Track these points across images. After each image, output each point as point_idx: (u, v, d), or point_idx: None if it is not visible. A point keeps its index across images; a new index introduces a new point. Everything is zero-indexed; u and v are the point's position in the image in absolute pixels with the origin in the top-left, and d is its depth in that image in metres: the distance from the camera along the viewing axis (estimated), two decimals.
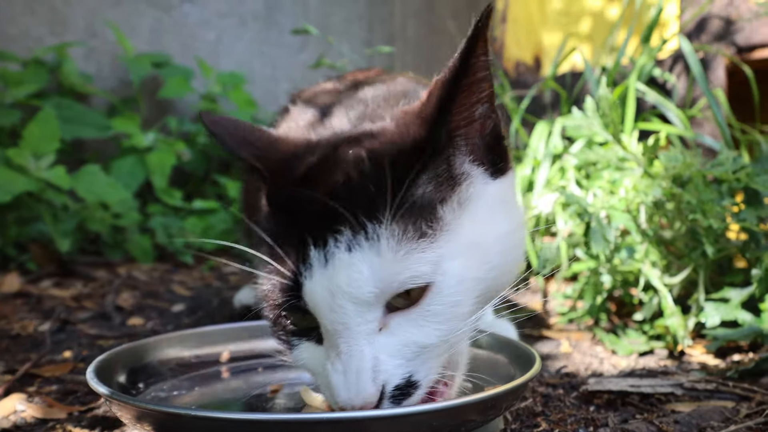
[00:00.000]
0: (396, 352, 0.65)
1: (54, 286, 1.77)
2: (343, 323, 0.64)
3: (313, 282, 0.64)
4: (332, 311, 0.64)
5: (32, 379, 1.06)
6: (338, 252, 0.63)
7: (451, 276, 0.66)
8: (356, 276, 0.62)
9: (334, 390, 0.65)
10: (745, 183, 1.23)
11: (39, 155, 1.81)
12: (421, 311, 0.66)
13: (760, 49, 1.87)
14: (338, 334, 0.64)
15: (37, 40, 2.37)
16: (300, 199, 0.68)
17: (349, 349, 0.64)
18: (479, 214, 0.71)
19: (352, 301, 0.63)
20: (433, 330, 0.67)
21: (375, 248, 0.63)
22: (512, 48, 2.38)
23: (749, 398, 0.92)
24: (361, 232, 0.63)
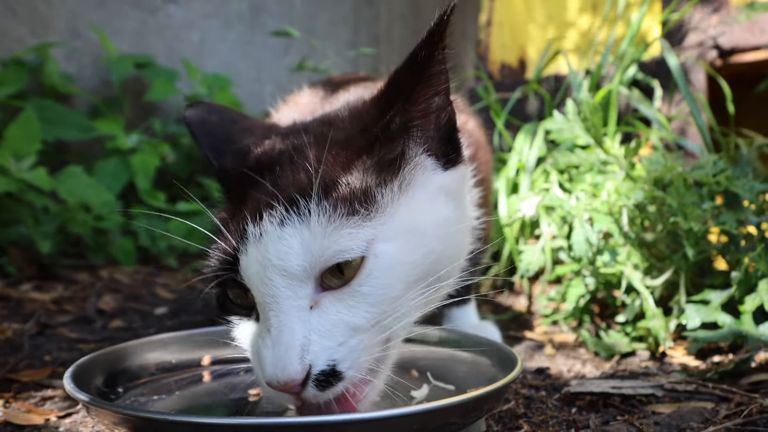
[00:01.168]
0: (326, 333, 0.65)
1: (34, 290, 1.75)
2: (272, 296, 0.65)
3: (248, 256, 0.66)
4: (263, 284, 0.65)
5: (10, 384, 1.05)
6: (271, 227, 0.65)
7: (383, 257, 0.66)
8: (285, 249, 0.64)
9: (262, 365, 0.65)
10: (725, 186, 1.24)
11: (20, 156, 1.78)
12: (352, 291, 0.66)
13: (741, 53, 1.89)
14: (269, 307, 0.65)
15: (18, 41, 2.34)
16: (244, 180, 0.72)
17: (279, 323, 0.65)
18: (421, 201, 0.72)
19: (282, 274, 0.64)
20: (364, 311, 0.67)
21: (305, 223, 0.64)
22: (497, 51, 2.39)
23: (728, 399, 0.93)
24: (294, 207, 0.65)
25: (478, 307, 1.36)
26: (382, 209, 0.68)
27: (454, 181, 0.78)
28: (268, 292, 0.65)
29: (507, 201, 1.72)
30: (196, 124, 0.85)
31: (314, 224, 0.64)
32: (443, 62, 0.72)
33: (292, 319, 0.64)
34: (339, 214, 0.65)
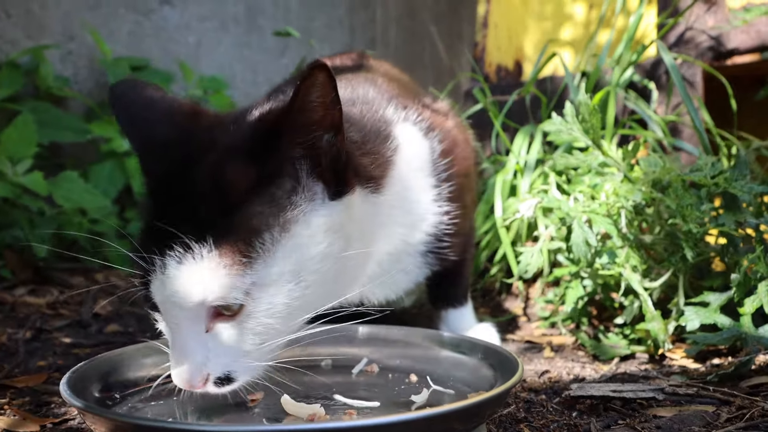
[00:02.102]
0: (221, 353, 0.76)
1: (29, 294, 1.74)
2: (175, 323, 0.76)
3: (155, 285, 0.75)
4: (166, 312, 0.76)
5: (4, 390, 1.04)
6: (171, 264, 0.72)
7: (260, 302, 0.75)
8: (181, 288, 0.72)
9: (173, 373, 0.78)
10: (723, 188, 1.24)
11: (16, 160, 1.77)
12: (237, 324, 0.76)
13: (738, 56, 1.89)
14: (172, 329, 0.77)
15: (13, 43, 2.33)
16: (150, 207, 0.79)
17: (181, 344, 0.76)
18: (302, 238, 0.77)
19: (179, 306, 0.73)
20: (249, 340, 0.77)
21: (199, 266, 0.71)
22: (493, 53, 2.39)
23: (729, 402, 0.93)
24: (190, 251, 0.71)
25: (475, 309, 1.35)
26: (263, 254, 0.74)
27: (340, 213, 0.81)
28: (170, 319, 0.76)
29: (504, 203, 1.72)
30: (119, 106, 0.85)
31: (206, 269, 0.71)
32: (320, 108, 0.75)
33: (191, 341, 0.75)
34: (228, 261, 0.72)
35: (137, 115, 0.83)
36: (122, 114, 0.84)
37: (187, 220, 0.73)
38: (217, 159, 0.76)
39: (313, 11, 3.27)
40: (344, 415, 0.81)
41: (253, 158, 0.75)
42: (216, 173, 0.75)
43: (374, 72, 1.28)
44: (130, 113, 0.83)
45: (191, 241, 0.71)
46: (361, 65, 1.37)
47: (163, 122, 0.83)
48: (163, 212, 0.75)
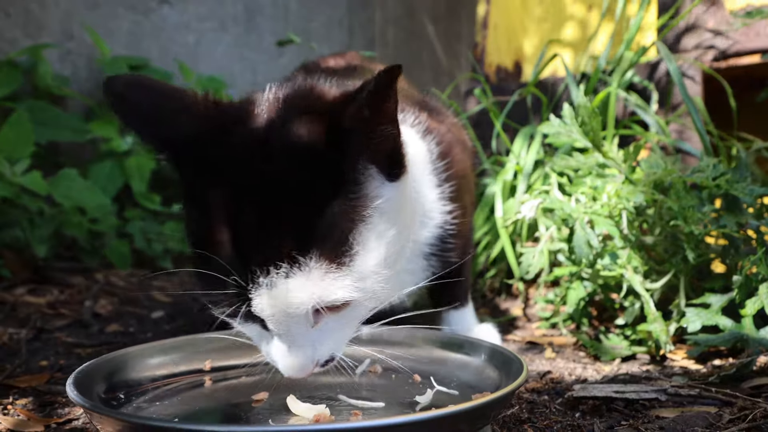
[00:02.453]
0: (326, 342, 0.82)
1: (29, 293, 1.73)
2: (287, 328, 0.78)
3: (261, 299, 0.74)
4: (277, 322, 0.77)
5: (7, 390, 1.04)
6: (279, 279, 0.73)
7: (362, 293, 0.78)
8: (292, 299, 0.74)
9: (284, 367, 0.81)
10: (724, 189, 1.24)
11: (14, 160, 1.77)
12: (340, 317, 0.81)
13: (737, 57, 1.90)
14: (283, 335, 0.79)
15: (11, 42, 2.33)
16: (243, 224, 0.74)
17: (291, 343, 0.80)
18: (380, 226, 0.80)
19: (290, 315, 0.76)
20: (350, 328, 0.85)
21: (305, 276, 0.73)
22: (493, 54, 2.39)
23: (731, 403, 0.93)
24: (296, 263, 0.73)
25: (475, 310, 1.36)
26: (357, 251, 0.77)
27: (398, 195, 0.83)
28: (281, 327, 0.78)
29: (504, 204, 1.72)
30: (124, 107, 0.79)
31: (314, 277, 0.74)
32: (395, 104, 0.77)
33: (300, 339, 0.79)
34: (331, 266, 0.74)
35: (151, 115, 0.78)
36: (130, 115, 0.79)
37: (286, 233, 0.73)
38: (298, 163, 0.74)
39: (312, 11, 3.27)
40: (351, 416, 0.81)
41: (333, 158, 0.75)
42: (301, 180, 0.74)
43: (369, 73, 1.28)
44: (140, 112, 0.78)
45: (296, 254, 0.72)
46: (356, 67, 1.37)
47: (189, 119, 0.78)
48: (252, 226, 0.73)
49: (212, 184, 0.76)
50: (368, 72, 1.30)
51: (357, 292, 0.77)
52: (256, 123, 0.79)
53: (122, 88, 0.78)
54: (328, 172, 0.75)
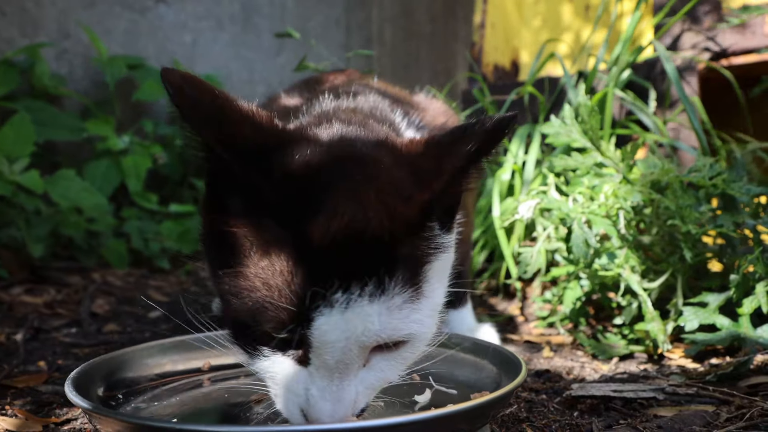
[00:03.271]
0: (370, 387, 0.73)
1: (26, 293, 1.73)
2: (345, 363, 0.68)
3: (329, 321, 0.65)
4: (341, 352, 0.67)
5: (5, 391, 1.03)
6: (360, 301, 0.65)
7: (424, 332, 0.73)
8: (370, 326, 0.66)
9: (318, 414, 0.69)
10: (721, 189, 1.24)
11: (13, 159, 1.76)
12: (396, 355, 0.73)
13: (733, 56, 1.90)
14: (338, 369, 0.69)
15: (8, 41, 2.32)
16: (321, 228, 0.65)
17: (341, 383, 0.69)
18: (439, 273, 0.75)
19: (360, 345, 0.67)
20: (398, 370, 0.75)
21: (387, 303, 0.67)
22: (491, 53, 2.39)
23: (729, 402, 0.93)
24: (381, 286, 0.66)
25: (473, 309, 1.36)
26: (426, 288, 0.71)
27: (449, 247, 0.79)
28: (342, 359, 0.68)
29: (502, 203, 1.72)
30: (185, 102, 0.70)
31: (393, 306, 0.67)
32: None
33: (353, 380, 0.70)
34: (408, 296, 0.68)
35: (212, 115, 0.70)
36: (190, 110, 0.69)
37: (375, 253, 0.67)
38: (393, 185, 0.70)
39: (309, 10, 3.27)
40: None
41: (422, 189, 0.70)
42: (393, 203, 0.68)
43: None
44: (201, 109, 0.69)
45: (385, 274, 0.66)
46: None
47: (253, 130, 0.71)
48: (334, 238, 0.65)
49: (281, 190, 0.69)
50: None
51: (424, 327, 0.72)
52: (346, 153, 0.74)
53: (181, 81, 0.70)
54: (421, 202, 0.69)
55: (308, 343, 0.67)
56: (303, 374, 0.70)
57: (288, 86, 1.43)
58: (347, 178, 0.69)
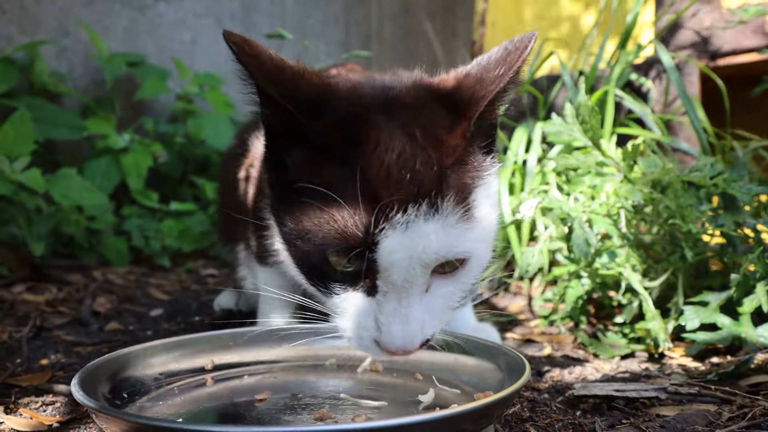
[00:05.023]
0: (434, 313, 0.77)
1: (28, 291, 1.73)
2: (410, 282, 0.74)
3: (393, 242, 0.71)
4: (406, 270, 0.73)
5: (9, 390, 1.04)
6: (417, 221, 0.71)
7: (478, 253, 0.78)
8: (428, 244, 0.72)
9: (390, 337, 0.75)
10: (722, 188, 1.25)
11: (13, 157, 1.76)
12: (455, 280, 0.78)
13: (732, 56, 1.91)
14: (403, 290, 0.74)
15: (7, 39, 2.31)
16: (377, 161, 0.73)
17: (408, 305, 0.75)
18: (491, 201, 0.81)
19: (422, 264, 0.73)
20: (457, 295, 0.80)
21: (441, 222, 0.73)
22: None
23: (731, 401, 0.94)
24: (433, 205, 0.72)
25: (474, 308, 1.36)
26: (478, 212, 0.77)
27: (497, 178, 0.86)
28: (407, 278, 0.73)
29: (501, 203, 1.73)
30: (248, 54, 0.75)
31: (448, 224, 0.73)
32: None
33: (417, 302, 0.75)
34: (460, 217, 0.74)
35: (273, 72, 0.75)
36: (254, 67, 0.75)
37: (425, 174, 0.73)
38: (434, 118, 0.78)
39: (308, 8, 3.27)
40: (354, 416, 0.81)
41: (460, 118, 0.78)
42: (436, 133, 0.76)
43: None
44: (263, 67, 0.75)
45: (436, 195, 0.72)
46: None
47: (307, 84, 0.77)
48: (387, 166, 0.72)
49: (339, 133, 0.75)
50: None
51: (481, 246, 0.77)
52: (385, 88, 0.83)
53: (242, 42, 0.76)
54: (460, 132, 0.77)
55: (375, 269, 0.73)
56: (372, 304, 0.76)
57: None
58: (394, 117, 0.76)
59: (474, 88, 0.79)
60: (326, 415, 0.81)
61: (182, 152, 2.56)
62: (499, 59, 0.80)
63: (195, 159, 2.59)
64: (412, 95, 0.81)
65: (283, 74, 0.75)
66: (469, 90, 0.80)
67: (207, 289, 1.93)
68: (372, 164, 0.72)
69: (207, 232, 2.35)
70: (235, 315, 1.58)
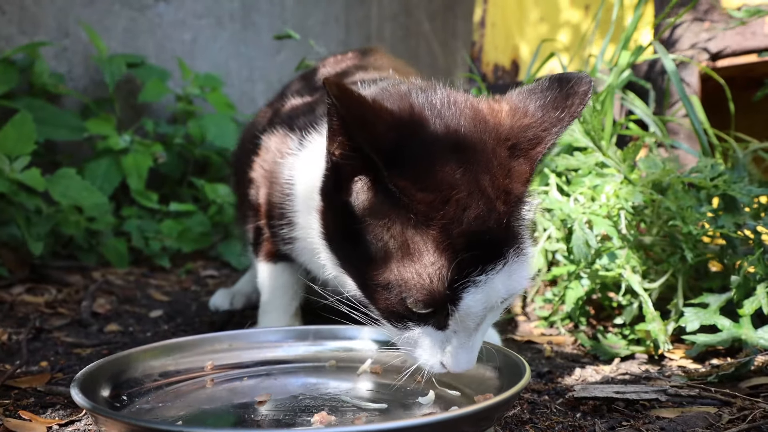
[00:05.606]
0: (484, 336, 0.86)
1: (27, 292, 1.73)
2: (478, 323, 0.81)
3: (473, 298, 0.76)
4: (478, 317, 0.79)
5: (8, 391, 1.03)
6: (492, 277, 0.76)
7: (526, 284, 0.83)
8: (499, 294, 0.78)
9: (458, 365, 0.82)
10: (722, 189, 1.25)
11: (14, 157, 1.76)
12: (502, 306, 0.83)
13: (732, 57, 1.91)
14: (474, 330, 0.81)
15: (7, 39, 2.31)
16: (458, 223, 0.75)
17: (474, 338, 0.82)
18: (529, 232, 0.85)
19: (490, 309, 0.79)
20: (499, 316, 0.87)
21: (508, 271, 0.77)
22: (491, 52, 2.39)
23: (731, 403, 0.94)
24: (504, 259, 0.77)
25: None
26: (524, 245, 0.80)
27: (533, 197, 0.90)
28: (477, 321, 0.80)
29: None
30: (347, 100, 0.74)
31: (510, 271, 0.78)
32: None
33: (479, 334, 0.83)
34: (518, 260, 0.79)
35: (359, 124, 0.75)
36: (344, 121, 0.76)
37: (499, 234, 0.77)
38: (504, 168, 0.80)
39: (308, 8, 3.26)
40: (354, 419, 0.81)
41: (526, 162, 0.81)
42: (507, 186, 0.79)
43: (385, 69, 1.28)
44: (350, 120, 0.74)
45: (506, 251, 0.77)
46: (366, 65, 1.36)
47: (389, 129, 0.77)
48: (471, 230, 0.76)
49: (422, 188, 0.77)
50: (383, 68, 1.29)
51: (528, 280, 0.82)
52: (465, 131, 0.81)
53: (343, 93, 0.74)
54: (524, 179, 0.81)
55: (451, 314, 0.78)
56: (442, 336, 0.82)
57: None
58: (468, 170, 0.77)
59: (537, 132, 0.81)
60: (326, 417, 0.81)
61: (182, 153, 2.56)
62: (558, 100, 0.81)
63: (195, 160, 2.59)
64: (476, 137, 0.80)
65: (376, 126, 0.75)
66: (531, 131, 0.81)
67: (207, 290, 1.93)
68: (453, 225, 0.75)
69: (207, 233, 2.35)
70: (235, 315, 1.58)
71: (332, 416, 0.81)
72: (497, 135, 0.81)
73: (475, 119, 0.82)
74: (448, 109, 0.83)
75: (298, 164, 1.04)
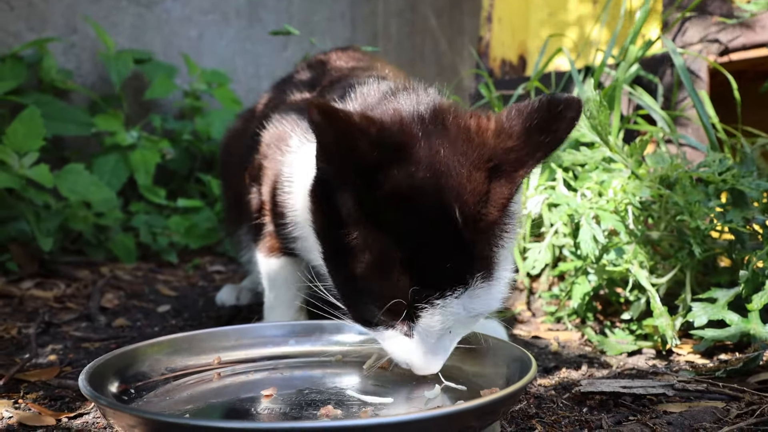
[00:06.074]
0: (453, 342, 0.88)
1: (36, 287, 1.74)
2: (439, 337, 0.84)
3: (431, 317, 0.80)
4: (438, 333, 0.82)
5: (18, 384, 1.04)
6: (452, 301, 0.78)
7: (495, 306, 0.85)
8: (459, 315, 0.80)
9: (420, 368, 0.85)
10: (731, 184, 1.24)
11: (22, 153, 1.77)
12: (467, 327, 0.87)
13: (742, 51, 1.89)
14: (441, 337, 0.84)
15: (15, 35, 2.33)
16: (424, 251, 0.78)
17: (436, 346, 0.84)
18: (510, 257, 0.87)
19: (450, 327, 0.83)
20: (472, 327, 0.89)
21: (470, 294, 0.79)
22: (497, 48, 2.39)
23: (739, 398, 0.94)
24: (466, 285, 0.78)
25: None
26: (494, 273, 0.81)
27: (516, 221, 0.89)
28: (437, 336, 0.83)
29: None
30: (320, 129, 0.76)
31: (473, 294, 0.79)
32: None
33: (445, 342, 0.85)
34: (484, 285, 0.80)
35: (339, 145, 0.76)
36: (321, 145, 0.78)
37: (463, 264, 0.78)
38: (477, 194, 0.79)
39: (314, 4, 3.26)
40: (360, 413, 0.81)
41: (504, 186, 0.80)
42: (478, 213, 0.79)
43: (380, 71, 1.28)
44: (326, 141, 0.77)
45: (470, 278, 0.78)
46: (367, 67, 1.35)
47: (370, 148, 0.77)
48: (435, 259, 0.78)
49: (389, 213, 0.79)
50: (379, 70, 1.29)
51: (496, 303, 0.84)
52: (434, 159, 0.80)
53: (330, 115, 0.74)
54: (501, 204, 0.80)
55: (412, 327, 0.82)
56: (408, 342, 0.85)
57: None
58: (441, 198, 0.77)
59: (519, 155, 0.80)
60: (332, 411, 0.81)
61: (189, 149, 2.56)
62: (545, 124, 0.79)
63: (202, 155, 2.60)
64: (456, 161, 0.79)
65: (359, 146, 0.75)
66: (514, 154, 0.80)
67: (214, 286, 1.94)
68: (419, 250, 0.77)
69: (214, 228, 2.36)
70: (242, 311, 1.59)
71: (338, 410, 0.82)
72: (479, 155, 0.80)
73: (459, 139, 0.81)
74: (435, 126, 0.83)
75: (297, 162, 1.05)
